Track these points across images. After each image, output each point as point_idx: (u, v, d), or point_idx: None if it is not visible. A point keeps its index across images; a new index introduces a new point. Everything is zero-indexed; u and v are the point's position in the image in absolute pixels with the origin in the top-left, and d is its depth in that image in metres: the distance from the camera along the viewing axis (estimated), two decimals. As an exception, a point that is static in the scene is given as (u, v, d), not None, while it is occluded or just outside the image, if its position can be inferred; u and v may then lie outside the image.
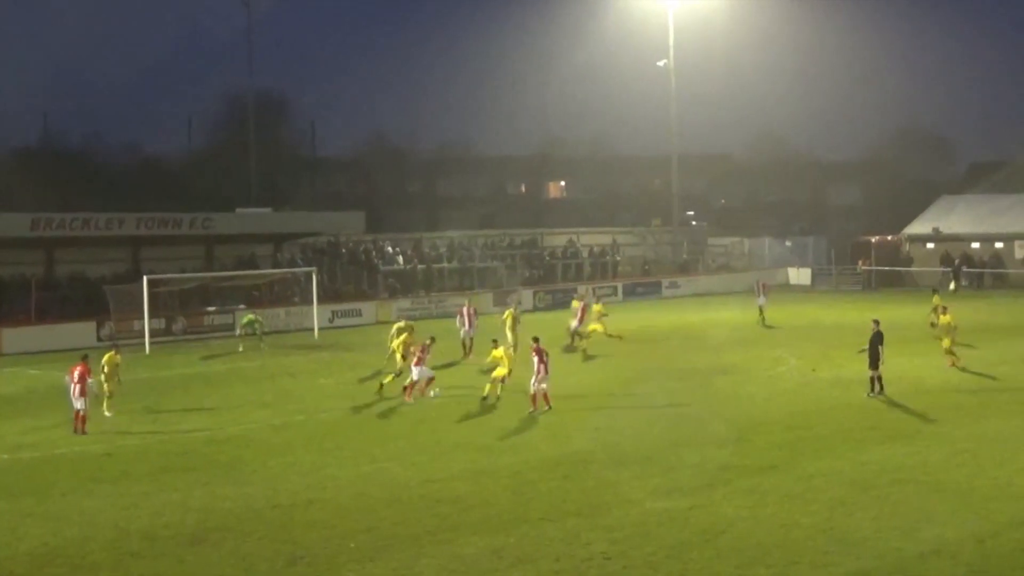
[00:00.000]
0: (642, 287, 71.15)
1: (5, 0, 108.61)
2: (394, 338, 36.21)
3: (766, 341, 44.86)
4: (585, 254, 73.20)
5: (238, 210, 61.17)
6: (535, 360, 29.36)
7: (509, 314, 42.18)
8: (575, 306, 45.11)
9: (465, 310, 42.23)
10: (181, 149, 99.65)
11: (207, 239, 56.59)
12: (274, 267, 57.70)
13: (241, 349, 45.27)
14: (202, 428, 28.85)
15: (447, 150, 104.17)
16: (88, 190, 79.60)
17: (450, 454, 24.94)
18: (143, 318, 46.52)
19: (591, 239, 76.06)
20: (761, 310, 51.36)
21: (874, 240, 77.95)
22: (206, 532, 19.20)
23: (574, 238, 75.21)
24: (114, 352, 30.40)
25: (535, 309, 60.43)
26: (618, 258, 74.62)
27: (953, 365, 35.36)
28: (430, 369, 32.05)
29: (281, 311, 53.04)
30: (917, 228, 77.06)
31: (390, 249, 65.04)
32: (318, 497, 21.35)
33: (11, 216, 51.44)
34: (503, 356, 31.17)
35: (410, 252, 65.65)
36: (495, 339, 33.66)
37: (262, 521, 19.80)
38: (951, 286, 66.49)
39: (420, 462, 24.17)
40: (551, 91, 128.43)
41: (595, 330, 43.14)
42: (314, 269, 53.60)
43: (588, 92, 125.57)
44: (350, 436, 27.44)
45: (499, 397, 30.76)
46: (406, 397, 31.43)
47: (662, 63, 79.21)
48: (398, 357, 34.13)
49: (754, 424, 27.57)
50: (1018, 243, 73.02)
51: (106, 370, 29.86)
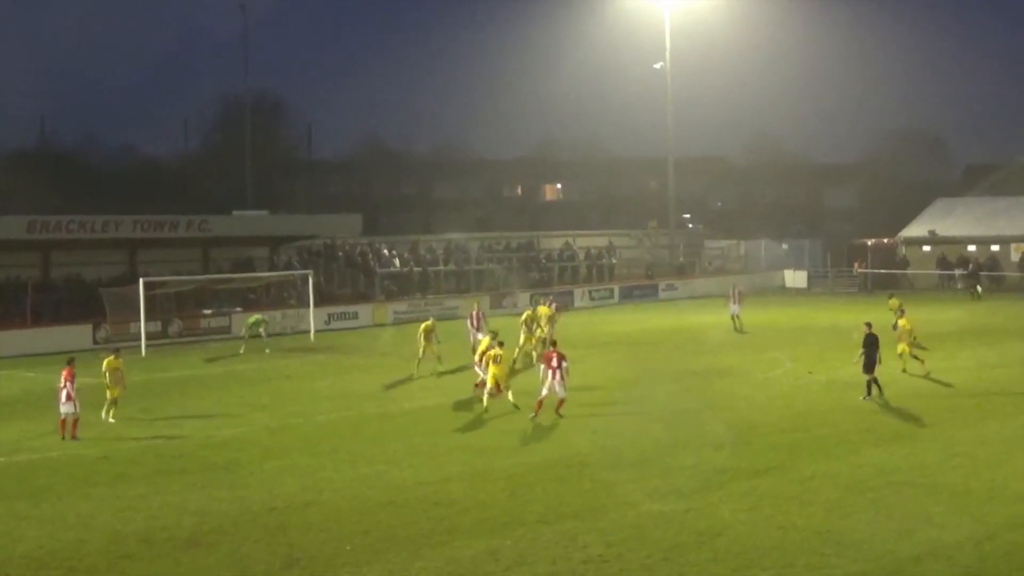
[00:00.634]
0: (639, 290, 71.38)
1: (3, 2, 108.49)
2: (422, 339, 36.79)
3: (762, 344, 44.88)
4: (582, 256, 73.31)
5: (234, 212, 61.27)
6: (545, 366, 28.79)
7: (532, 314, 41.08)
8: (545, 312, 42.16)
9: (474, 314, 41.54)
10: (177, 151, 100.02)
11: (203, 242, 56.54)
12: (270, 270, 57.68)
13: (242, 351, 45.14)
14: (198, 431, 28.79)
15: (443, 152, 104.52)
16: (84, 192, 79.69)
17: (446, 457, 24.91)
18: (139, 321, 46.42)
19: (587, 242, 76.18)
20: (733, 317, 50.48)
21: (870, 243, 78.21)
22: (202, 535, 19.16)
23: (570, 241, 75.32)
24: (114, 357, 29.76)
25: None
26: (614, 261, 74.74)
27: (905, 371, 34.27)
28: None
29: (278, 314, 52.95)
30: (913, 231, 77.28)
31: (386, 251, 65.06)
32: (314, 500, 21.32)
33: (7, 218, 51.53)
34: (497, 355, 29.94)
35: (406, 254, 65.68)
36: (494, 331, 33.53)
37: (258, 524, 19.74)
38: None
39: (417, 465, 24.15)
40: (547, 94, 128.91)
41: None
42: (310, 271, 53.63)
43: (584, 95, 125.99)
44: (346, 439, 27.39)
45: (486, 408, 29.94)
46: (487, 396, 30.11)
47: (658, 65, 79.37)
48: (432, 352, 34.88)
49: (751, 426, 27.56)
50: (1014, 245, 73.21)
51: (108, 376, 29.36)
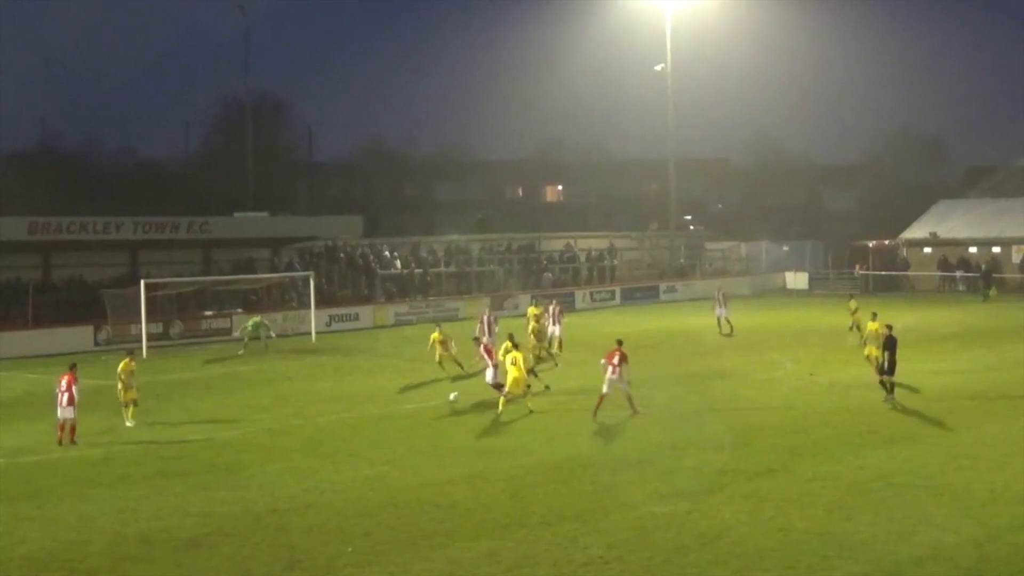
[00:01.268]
0: (640, 292, 71.31)
1: (3, 4, 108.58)
2: (438, 348, 36.63)
3: (763, 345, 44.83)
4: (583, 258, 73.26)
5: (236, 214, 61.24)
6: (606, 362, 28.91)
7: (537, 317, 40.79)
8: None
9: (485, 318, 40.66)
10: (178, 153, 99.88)
11: (204, 243, 56.53)
12: (272, 271, 57.69)
13: (241, 352, 45.15)
14: (200, 433, 28.75)
15: (444, 154, 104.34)
16: (85, 194, 79.59)
17: (447, 458, 24.87)
18: (140, 322, 46.42)
19: (588, 243, 76.13)
20: (719, 320, 49.86)
21: (871, 244, 78.15)
22: (203, 536, 19.13)
23: (572, 242, 75.28)
24: (129, 359, 29.74)
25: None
26: (615, 262, 74.70)
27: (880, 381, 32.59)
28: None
29: (279, 315, 52.94)
30: (914, 232, 77.25)
31: (388, 253, 65.02)
32: (316, 501, 21.29)
33: (8, 220, 51.30)
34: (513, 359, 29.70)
35: (408, 256, 65.65)
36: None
37: (260, 525, 19.72)
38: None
39: (417, 466, 24.12)
40: (548, 95, 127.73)
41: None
42: (311, 273, 53.59)
43: (585, 96, 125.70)
44: (347, 440, 27.36)
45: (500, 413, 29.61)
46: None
47: (659, 67, 79.27)
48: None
49: (752, 428, 27.51)
50: (1015, 247, 73.15)
51: (124, 379, 29.32)
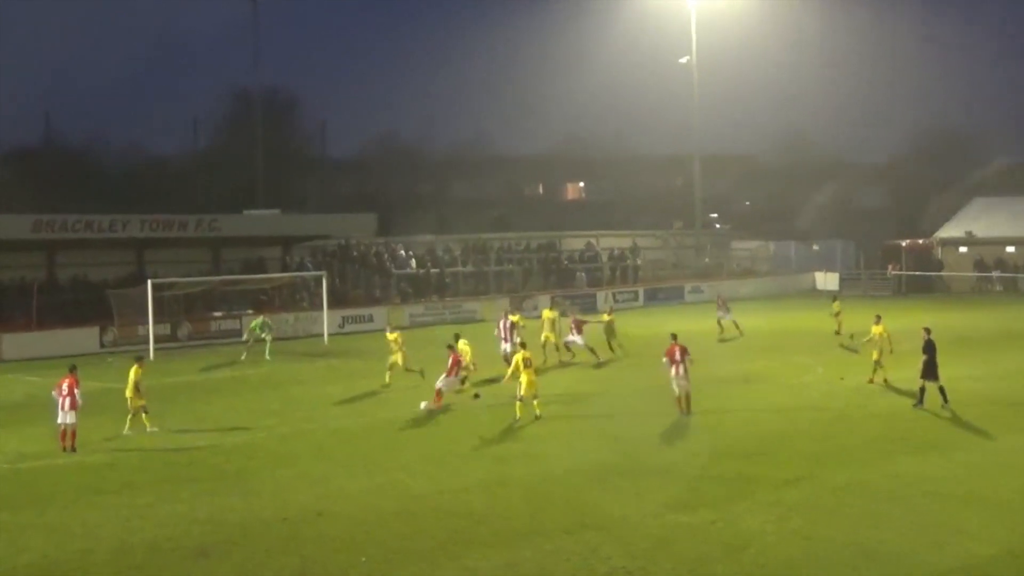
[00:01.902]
0: (664, 292, 70.33)
1: (6, 0, 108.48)
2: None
3: (792, 348, 44.05)
4: (605, 258, 72.52)
5: (245, 212, 60.65)
6: (668, 360, 29.66)
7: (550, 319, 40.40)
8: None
9: (503, 323, 38.20)
10: (186, 149, 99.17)
11: (213, 242, 56.22)
12: (283, 271, 57.34)
13: (243, 357, 44.21)
14: (207, 437, 28.41)
15: (461, 150, 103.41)
16: (91, 191, 79.24)
17: (463, 465, 24.55)
18: (147, 323, 46.00)
19: (610, 242, 75.32)
20: (720, 323, 48.66)
21: (905, 244, 76.74)
22: (211, 545, 18.91)
23: (593, 241, 74.59)
24: (138, 365, 29.52)
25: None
26: (639, 262, 73.81)
27: (871, 381, 33.50)
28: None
29: (290, 316, 52.56)
30: (950, 231, 75.81)
31: (403, 252, 64.61)
32: (327, 509, 20.98)
33: (12, 218, 50.89)
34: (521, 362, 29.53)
35: (423, 255, 65.14)
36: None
37: (270, 534, 19.48)
38: None
39: (432, 473, 23.79)
40: (569, 89, 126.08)
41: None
42: (324, 273, 53.24)
43: (607, 90, 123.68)
44: (360, 446, 27.06)
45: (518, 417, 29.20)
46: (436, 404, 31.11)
47: (684, 60, 78.49)
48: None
49: (780, 434, 27.14)
50: None
51: (137, 385, 29.02)
